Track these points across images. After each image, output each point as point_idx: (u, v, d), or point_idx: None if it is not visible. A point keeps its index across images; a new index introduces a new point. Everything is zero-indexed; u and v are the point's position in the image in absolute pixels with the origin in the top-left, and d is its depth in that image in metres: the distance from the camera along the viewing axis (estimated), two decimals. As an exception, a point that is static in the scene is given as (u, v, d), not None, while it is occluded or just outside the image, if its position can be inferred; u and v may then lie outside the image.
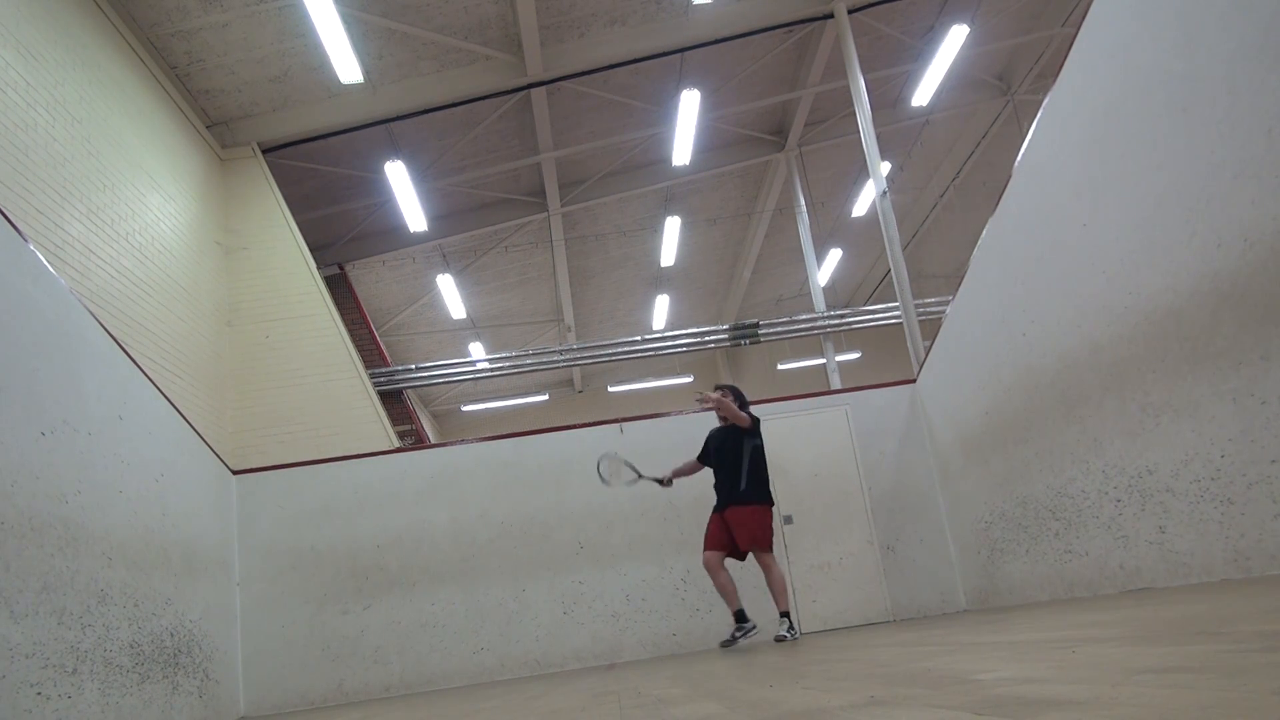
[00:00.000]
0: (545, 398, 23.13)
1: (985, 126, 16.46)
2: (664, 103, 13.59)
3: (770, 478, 6.49)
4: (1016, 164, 5.72)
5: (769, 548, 6.24)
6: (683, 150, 13.46)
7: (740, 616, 6.22)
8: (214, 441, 8.34)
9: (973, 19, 12.69)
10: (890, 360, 18.61)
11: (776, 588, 6.15)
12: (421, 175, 13.70)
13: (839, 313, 16.49)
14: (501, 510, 7.86)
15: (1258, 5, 3.45)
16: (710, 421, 6.88)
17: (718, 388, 6.61)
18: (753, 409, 6.74)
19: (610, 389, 23.34)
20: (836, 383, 15.98)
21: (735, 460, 6.36)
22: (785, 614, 6.10)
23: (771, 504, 6.34)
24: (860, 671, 2.68)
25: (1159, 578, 4.66)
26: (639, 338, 16.15)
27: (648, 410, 10.59)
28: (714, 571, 6.28)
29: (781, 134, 15.92)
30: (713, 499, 6.62)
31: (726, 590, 6.26)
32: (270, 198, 11.52)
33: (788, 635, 6.04)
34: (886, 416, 8.13)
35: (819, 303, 16.76)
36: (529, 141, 14.04)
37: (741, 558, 6.37)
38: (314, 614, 7.56)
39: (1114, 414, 4.83)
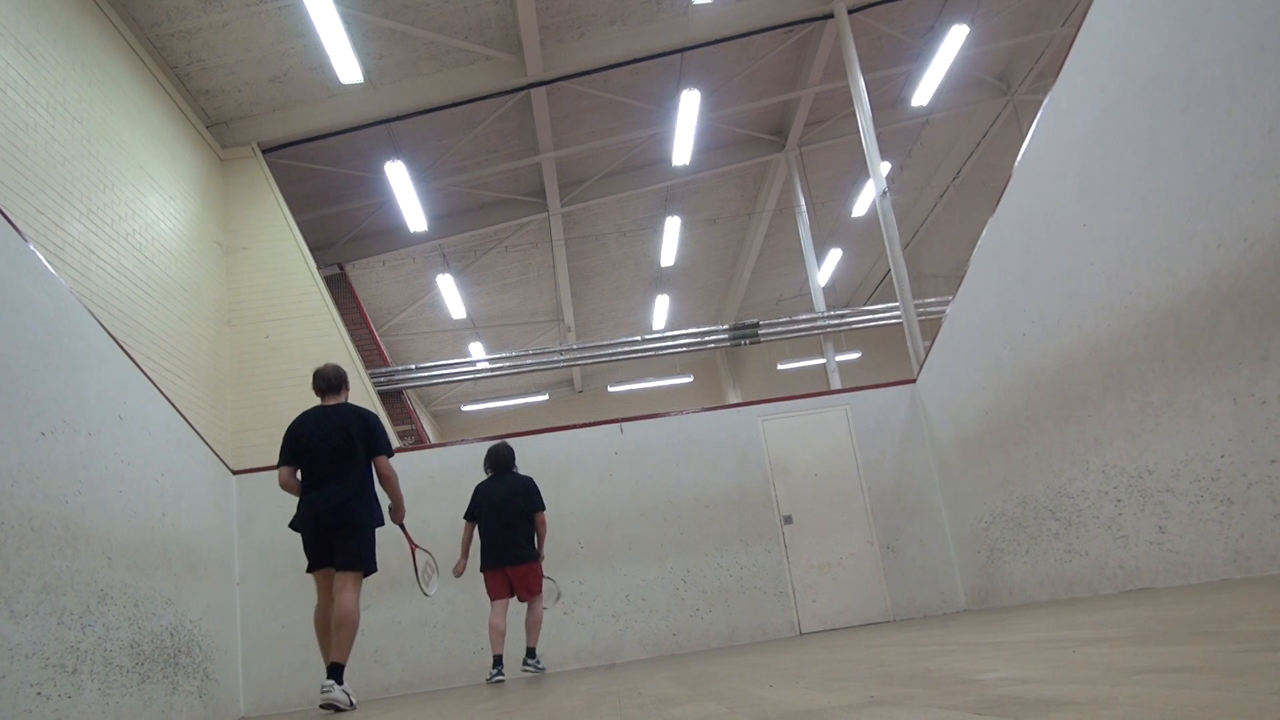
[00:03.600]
0: (545, 398, 23.13)
1: (985, 126, 16.46)
2: (664, 103, 13.59)
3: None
4: (1016, 164, 5.72)
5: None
6: (683, 150, 13.46)
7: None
8: (214, 441, 8.34)
9: (973, 19, 12.69)
10: (890, 360, 18.61)
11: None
12: (421, 175, 13.70)
13: (839, 313, 16.49)
14: (501, 510, 7.85)
15: (1258, 5, 3.45)
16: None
17: None
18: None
19: (610, 389, 23.35)
20: (836, 383, 15.98)
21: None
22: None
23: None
24: (860, 671, 2.68)
25: (1159, 578, 4.66)
26: (639, 338, 16.15)
27: (648, 410, 10.60)
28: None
29: (781, 134, 15.91)
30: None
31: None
32: (270, 198, 11.52)
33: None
34: (886, 416, 8.13)
35: (819, 303, 16.76)
36: (529, 141, 14.04)
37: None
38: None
39: (1114, 414, 4.83)
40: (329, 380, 5.28)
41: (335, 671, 4.75)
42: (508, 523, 6.44)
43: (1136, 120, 4.30)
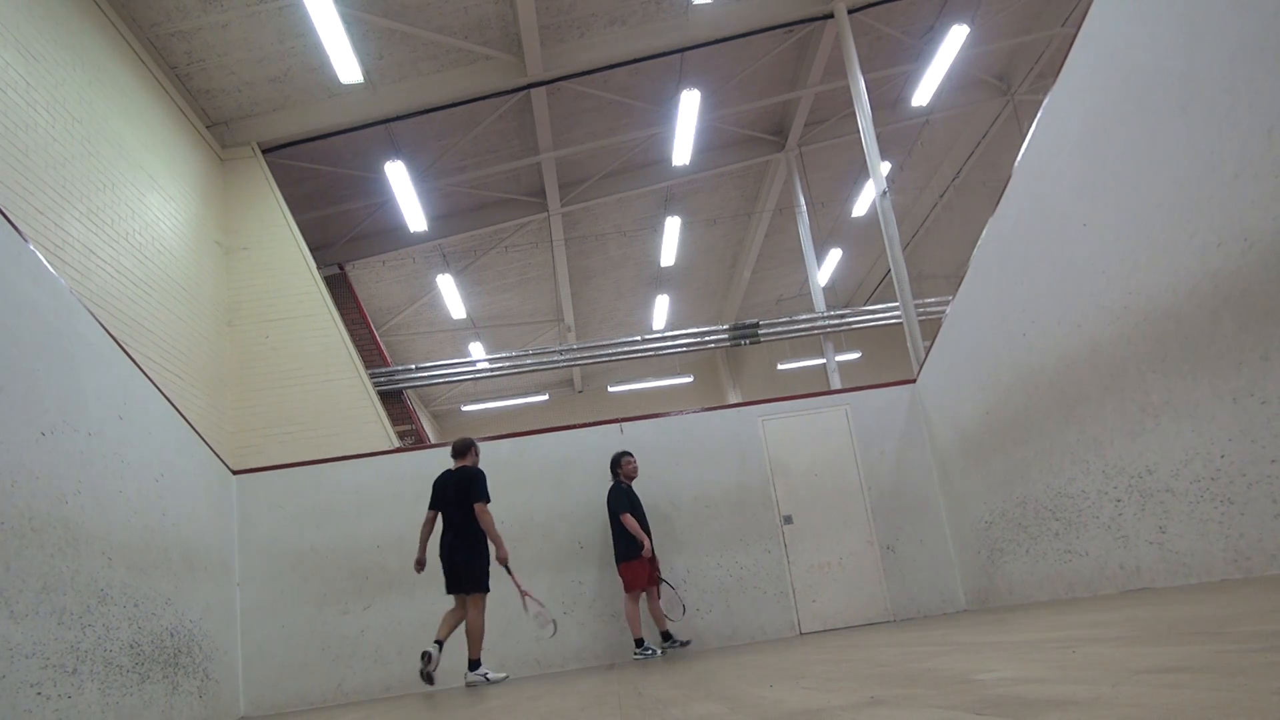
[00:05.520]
0: (545, 398, 23.13)
1: (985, 126, 16.46)
2: (664, 103, 13.59)
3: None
4: (1016, 164, 5.72)
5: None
6: (683, 150, 13.46)
7: (640, 643, 7.09)
8: (214, 441, 8.34)
9: (973, 19, 12.69)
10: (890, 360, 18.62)
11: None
12: (421, 175, 13.70)
13: (839, 313, 16.49)
14: (501, 510, 7.84)
15: (1258, 5, 3.45)
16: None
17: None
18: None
19: (610, 389, 23.34)
20: (836, 383, 15.98)
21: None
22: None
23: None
24: (860, 671, 2.68)
25: (1159, 578, 4.66)
26: (639, 338, 16.14)
27: (648, 410, 10.59)
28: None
29: (781, 134, 15.91)
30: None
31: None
32: (270, 198, 11.52)
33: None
34: (886, 416, 8.13)
35: (819, 303, 16.75)
36: (529, 141, 14.04)
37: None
38: (314, 614, 7.56)
39: (1114, 414, 4.83)
40: (457, 449, 6.89)
41: (473, 665, 6.40)
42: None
43: (1136, 120, 4.30)
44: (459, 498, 6.54)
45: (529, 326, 20.42)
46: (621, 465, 7.46)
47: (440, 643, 6.31)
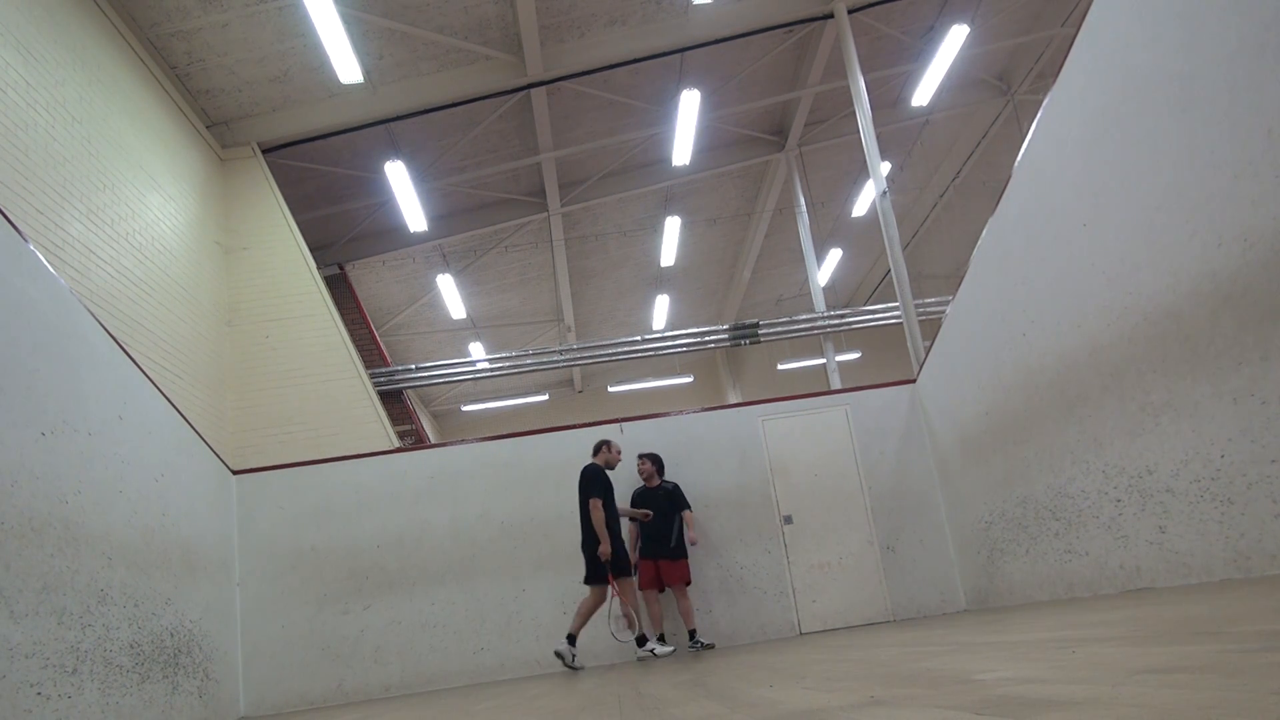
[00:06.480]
0: (545, 398, 23.13)
1: (985, 126, 16.45)
2: (664, 103, 13.59)
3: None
4: (1016, 164, 5.72)
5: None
6: (683, 150, 13.45)
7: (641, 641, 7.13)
8: (214, 441, 8.34)
9: (973, 19, 12.69)
10: (890, 360, 18.61)
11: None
12: (421, 175, 13.70)
13: (839, 313, 16.48)
14: (501, 510, 7.87)
15: (1258, 5, 3.45)
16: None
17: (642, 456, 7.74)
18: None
19: (610, 389, 23.34)
20: (836, 383, 15.98)
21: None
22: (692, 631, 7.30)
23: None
24: (860, 671, 2.68)
25: (1159, 578, 4.66)
26: (639, 338, 16.14)
27: (648, 410, 10.60)
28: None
29: (781, 134, 15.91)
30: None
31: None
32: (270, 198, 11.52)
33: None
34: (886, 416, 8.13)
35: (819, 303, 16.75)
36: (529, 141, 14.04)
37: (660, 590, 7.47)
38: (314, 614, 7.56)
39: (1114, 414, 4.83)
40: (594, 447, 7.50)
41: (640, 642, 6.97)
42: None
43: (1136, 120, 4.30)
44: (580, 493, 7.14)
45: (529, 326, 20.42)
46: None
47: (572, 636, 6.83)
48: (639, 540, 7.50)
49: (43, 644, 4.31)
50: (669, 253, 17.42)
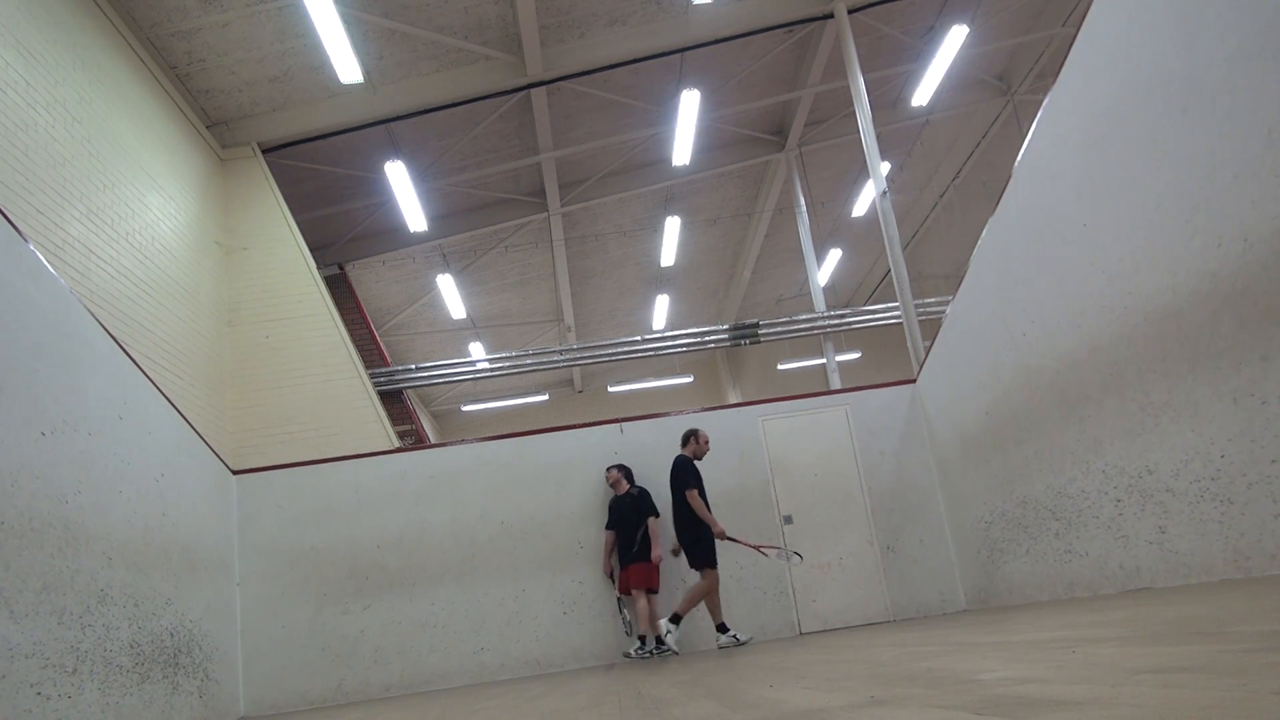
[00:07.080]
0: (545, 398, 23.12)
1: (985, 126, 16.45)
2: (664, 103, 13.58)
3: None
4: (1016, 164, 5.72)
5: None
6: (683, 150, 13.45)
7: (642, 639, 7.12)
8: (214, 441, 8.34)
9: (973, 19, 12.69)
10: (890, 360, 18.60)
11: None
12: (421, 175, 13.70)
13: (839, 313, 16.48)
14: (501, 510, 7.87)
15: (1258, 5, 3.45)
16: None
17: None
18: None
19: (610, 389, 23.34)
20: (836, 383, 15.98)
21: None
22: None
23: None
24: (860, 671, 2.68)
25: (1159, 578, 4.66)
26: (639, 338, 16.14)
27: (648, 410, 10.59)
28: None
29: (781, 134, 15.91)
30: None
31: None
32: (270, 198, 11.52)
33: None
34: (886, 416, 8.13)
35: (819, 303, 16.75)
36: (529, 141, 14.04)
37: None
38: (314, 614, 7.56)
39: (1114, 414, 4.83)
40: (682, 438, 7.49)
41: (721, 629, 6.99)
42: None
43: (1136, 120, 4.30)
44: (673, 486, 7.20)
45: (529, 326, 20.42)
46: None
47: (722, 626, 6.97)
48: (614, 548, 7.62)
49: (43, 644, 4.31)
50: (669, 253, 17.42)
